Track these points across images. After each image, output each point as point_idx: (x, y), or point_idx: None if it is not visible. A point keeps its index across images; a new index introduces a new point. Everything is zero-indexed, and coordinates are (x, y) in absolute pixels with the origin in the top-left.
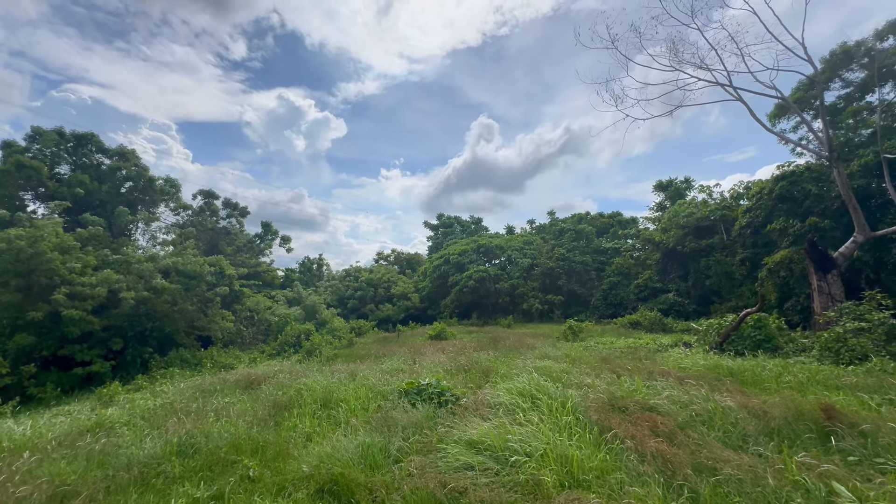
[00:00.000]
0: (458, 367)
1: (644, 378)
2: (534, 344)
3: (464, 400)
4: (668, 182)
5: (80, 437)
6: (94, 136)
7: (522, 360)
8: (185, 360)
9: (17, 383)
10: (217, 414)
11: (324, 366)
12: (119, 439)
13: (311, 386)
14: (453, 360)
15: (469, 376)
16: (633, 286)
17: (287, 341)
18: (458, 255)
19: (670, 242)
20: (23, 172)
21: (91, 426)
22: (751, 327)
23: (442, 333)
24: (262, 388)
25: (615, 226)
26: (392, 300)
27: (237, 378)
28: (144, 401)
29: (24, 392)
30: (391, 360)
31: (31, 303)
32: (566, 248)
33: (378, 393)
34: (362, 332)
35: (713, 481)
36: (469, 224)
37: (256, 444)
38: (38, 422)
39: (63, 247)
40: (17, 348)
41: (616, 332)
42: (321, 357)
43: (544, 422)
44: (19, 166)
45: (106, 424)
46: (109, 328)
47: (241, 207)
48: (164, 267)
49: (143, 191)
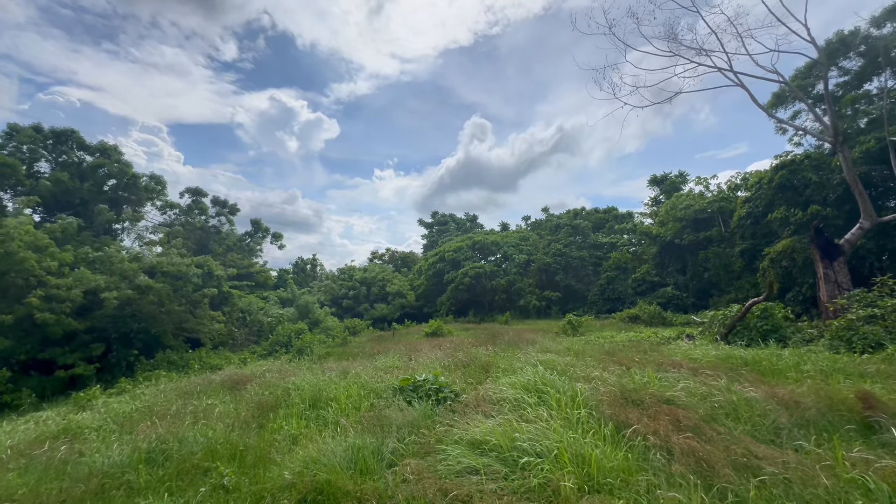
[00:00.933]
0: (457, 363)
1: (654, 370)
2: (533, 339)
3: (464, 396)
4: (662, 176)
5: (40, 445)
6: (74, 132)
7: (524, 354)
8: (172, 363)
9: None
10: (195, 416)
11: (315, 364)
12: (83, 446)
13: (300, 385)
14: (451, 356)
15: (468, 372)
16: (630, 280)
17: (278, 341)
18: (454, 252)
19: (668, 236)
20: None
21: (56, 433)
22: (756, 317)
23: (438, 331)
24: (248, 389)
25: (611, 221)
26: (387, 299)
27: (223, 379)
28: (122, 404)
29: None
30: (385, 358)
31: (7, 305)
32: (563, 244)
33: (371, 391)
34: (357, 331)
35: (757, 482)
36: (464, 222)
37: (235, 449)
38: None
39: (36, 245)
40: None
41: (615, 326)
42: (312, 356)
43: (554, 418)
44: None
45: (73, 430)
46: (93, 330)
47: (231, 205)
48: (149, 267)
49: (126, 189)
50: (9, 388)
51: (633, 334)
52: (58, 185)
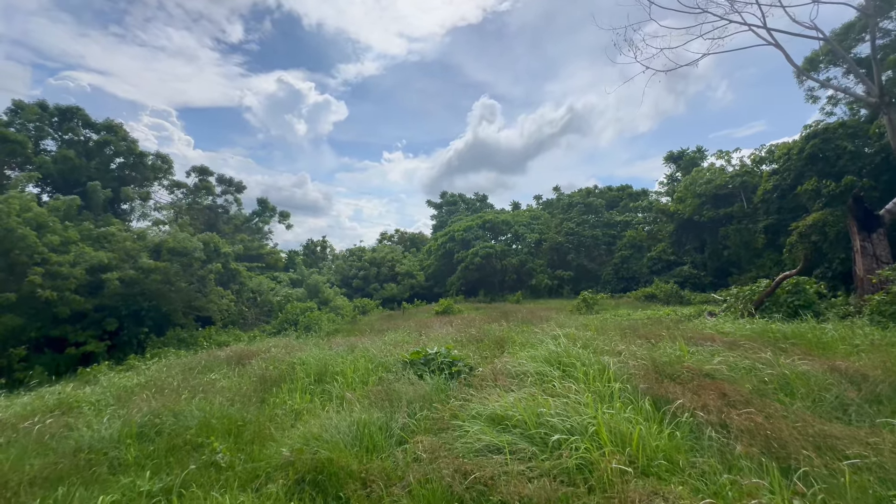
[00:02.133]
0: (469, 339)
1: (685, 344)
2: (547, 316)
3: (479, 370)
4: (679, 153)
5: (31, 419)
6: (79, 109)
7: (540, 330)
8: (182, 340)
9: (8, 367)
10: (195, 391)
11: (322, 340)
12: (75, 420)
13: (306, 360)
14: (463, 331)
15: (482, 347)
16: (646, 259)
17: (287, 319)
18: (464, 231)
19: (686, 212)
20: (6, 146)
21: (52, 406)
22: (787, 292)
23: (449, 309)
24: (252, 364)
25: (625, 199)
26: (396, 279)
27: (228, 355)
28: (125, 380)
29: (12, 376)
30: (395, 334)
31: (14, 283)
32: (575, 223)
33: (379, 364)
34: (366, 311)
35: (847, 465)
36: (474, 202)
37: (232, 424)
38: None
39: (38, 222)
40: (5, 330)
41: (631, 304)
42: (320, 332)
43: (583, 392)
44: (2, 139)
45: (69, 404)
46: (103, 308)
47: (237, 182)
48: (154, 245)
49: (134, 167)
50: (21, 366)
51: (650, 312)
52: (64, 162)
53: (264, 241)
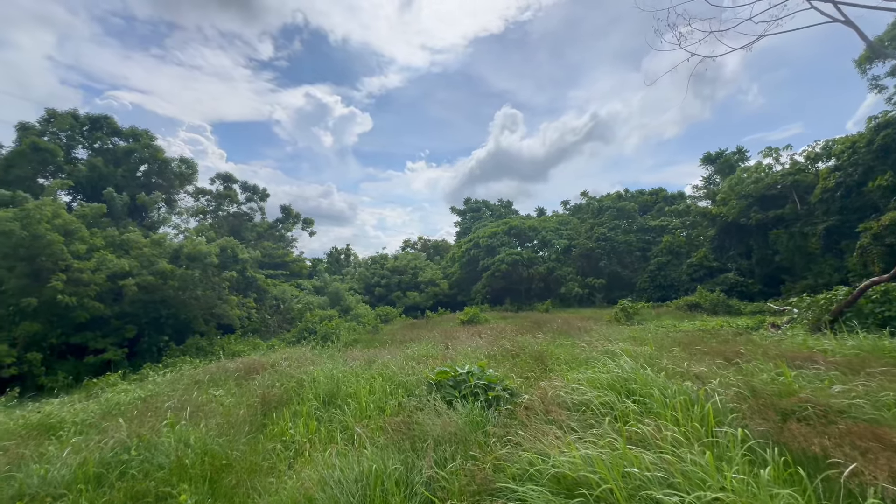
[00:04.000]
0: (504, 353)
1: (776, 365)
2: (585, 327)
3: (524, 397)
4: (717, 154)
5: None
6: (108, 118)
7: (582, 341)
8: (201, 348)
9: (29, 373)
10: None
11: (339, 352)
12: (46, 448)
13: (317, 376)
14: (494, 344)
15: (520, 364)
16: (685, 266)
17: (307, 328)
18: (489, 238)
19: (730, 215)
20: (38, 154)
21: (31, 427)
22: (872, 302)
23: (475, 318)
24: (259, 378)
25: (660, 202)
26: (419, 287)
27: (238, 366)
28: (124, 394)
29: (35, 381)
30: (418, 346)
31: (37, 289)
32: (607, 228)
33: (399, 385)
34: (388, 319)
35: None
36: (498, 208)
37: (214, 465)
38: None
39: (66, 229)
40: (26, 336)
41: (673, 314)
42: (338, 342)
43: (684, 441)
44: (34, 148)
45: (49, 425)
46: (123, 315)
47: (261, 190)
48: (172, 251)
49: (159, 174)
50: (43, 371)
51: (699, 323)
52: (93, 170)
53: (289, 248)
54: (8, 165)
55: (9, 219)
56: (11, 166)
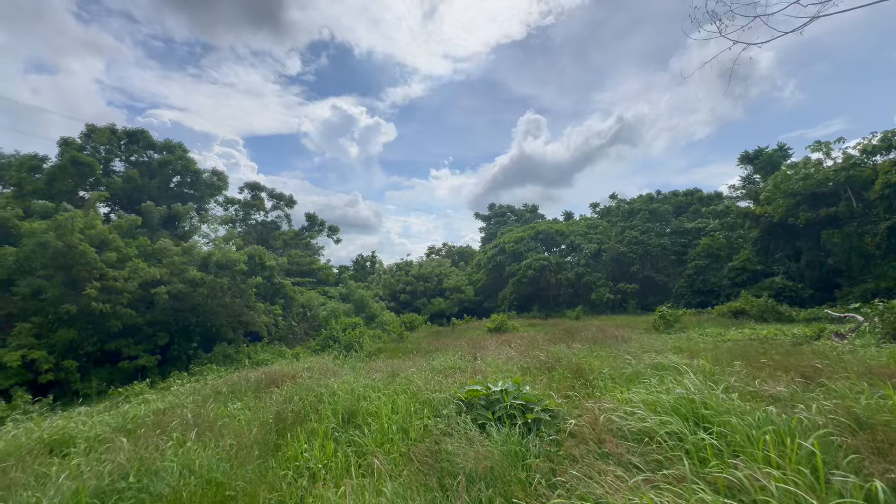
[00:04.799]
0: (538, 365)
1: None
2: (622, 336)
3: (571, 423)
4: (756, 152)
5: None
6: (143, 132)
7: (623, 354)
8: (228, 356)
9: (65, 379)
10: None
11: (363, 362)
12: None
13: (336, 389)
14: (525, 354)
15: (556, 378)
16: (726, 270)
17: (331, 336)
18: (515, 243)
19: (776, 215)
20: (78, 168)
21: (43, 443)
22: None
23: (502, 326)
24: (276, 392)
25: (695, 203)
26: (444, 294)
27: (259, 377)
28: (144, 406)
29: (70, 387)
30: (444, 356)
31: (74, 297)
32: (639, 231)
33: (425, 403)
34: (414, 327)
35: None
36: (523, 213)
37: (218, 498)
38: None
39: (100, 239)
40: (63, 343)
41: (717, 322)
42: (361, 352)
43: (796, 488)
44: (74, 162)
45: (61, 441)
46: (155, 323)
47: (287, 197)
48: (202, 258)
49: (191, 185)
50: (78, 378)
51: (749, 331)
52: (129, 182)
53: (316, 256)
54: (50, 179)
55: (43, 230)
56: (53, 180)
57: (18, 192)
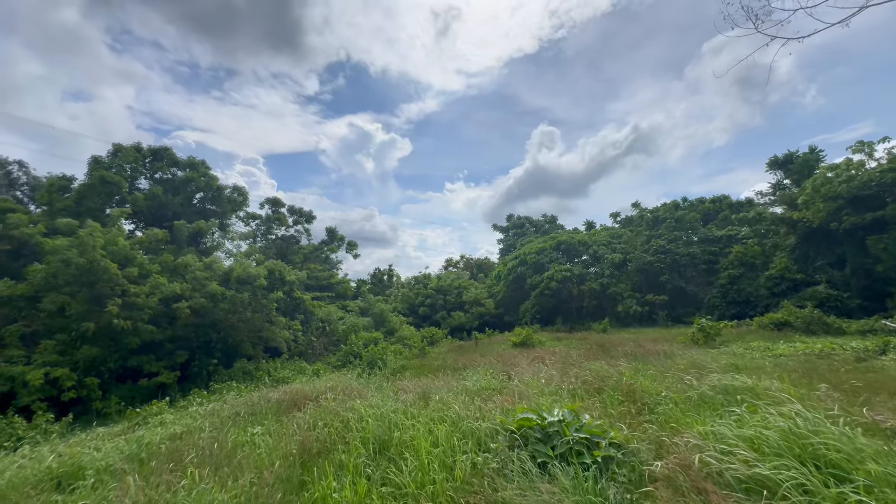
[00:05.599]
0: (583, 386)
1: None
2: (662, 350)
3: (655, 465)
4: (786, 156)
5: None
6: (168, 150)
7: (674, 369)
8: (248, 373)
9: (87, 396)
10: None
11: (388, 381)
12: None
13: (363, 413)
14: (564, 372)
15: (608, 402)
16: (762, 279)
17: (352, 351)
18: (536, 254)
19: (816, 220)
20: (106, 187)
21: (50, 475)
22: None
23: (528, 340)
24: (299, 416)
25: (724, 210)
26: (464, 307)
27: (281, 397)
28: (161, 430)
29: (90, 406)
30: (475, 374)
31: (97, 314)
32: (666, 240)
33: (468, 434)
34: (434, 341)
35: None
36: (542, 223)
37: None
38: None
39: (123, 255)
40: (86, 360)
41: (758, 334)
42: (385, 369)
43: None
44: (102, 181)
45: (68, 473)
46: (176, 339)
47: (307, 213)
48: (223, 273)
49: (213, 201)
50: (98, 395)
51: (800, 345)
52: (153, 199)
53: (334, 270)
54: (79, 198)
55: (66, 247)
56: (82, 198)
57: (49, 212)
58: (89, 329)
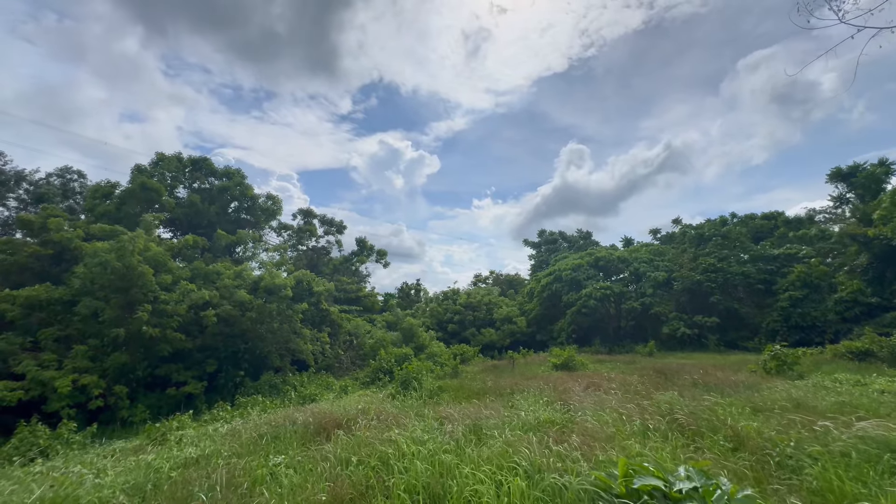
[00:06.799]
0: (670, 425)
1: None
2: (740, 381)
3: None
4: (851, 168)
5: None
6: (206, 159)
7: (777, 408)
8: (274, 386)
9: (115, 405)
10: None
11: (426, 405)
12: None
13: (406, 449)
14: (632, 403)
15: (713, 448)
16: (831, 302)
17: (381, 367)
18: (572, 270)
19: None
20: (146, 193)
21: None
22: None
23: (570, 362)
24: (330, 447)
25: (780, 227)
26: (494, 324)
27: (307, 419)
28: (178, 449)
29: (117, 414)
30: (525, 400)
31: (128, 321)
32: (716, 258)
33: (551, 492)
34: (466, 359)
35: None
36: (576, 239)
37: None
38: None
39: (157, 261)
40: (115, 367)
41: (837, 364)
42: (421, 390)
43: None
44: (143, 187)
45: None
46: (204, 348)
47: (338, 223)
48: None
49: (248, 211)
50: (125, 404)
51: None
52: (191, 206)
53: (362, 283)
54: (120, 203)
55: (106, 251)
56: (123, 204)
57: (91, 218)
58: (120, 335)
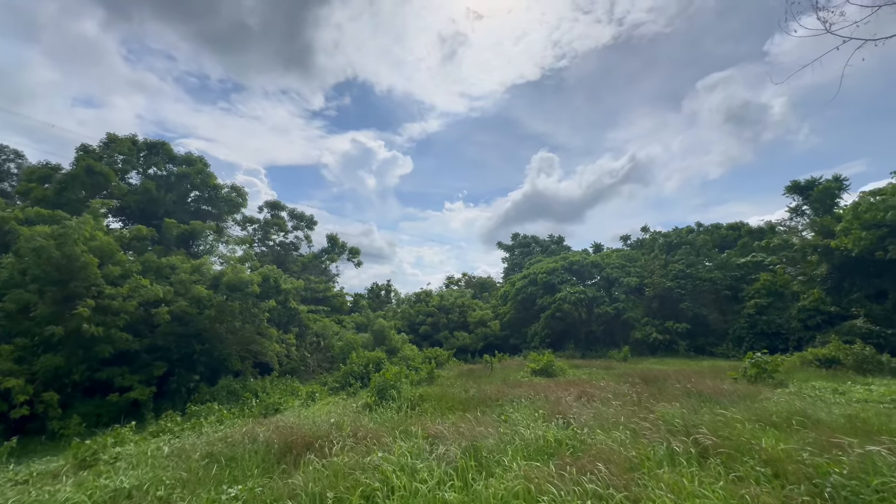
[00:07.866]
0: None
1: None
2: (731, 390)
3: None
4: (808, 182)
5: None
6: (164, 144)
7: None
8: (232, 392)
9: (44, 414)
10: None
11: (408, 418)
12: None
13: (396, 482)
14: (636, 417)
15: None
16: (794, 310)
17: (352, 372)
18: (547, 274)
19: (856, 249)
20: (92, 178)
21: None
22: None
23: (549, 368)
24: (300, 474)
25: (744, 237)
26: (468, 327)
27: (270, 436)
28: (109, 478)
29: (47, 426)
30: (518, 412)
31: (65, 317)
32: (685, 264)
33: None
34: (441, 363)
35: None
36: (548, 243)
37: None
38: None
39: (103, 251)
40: (47, 370)
41: (808, 372)
42: (400, 399)
43: None
44: (88, 171)
45: None
46: (154, 349)
47: (308, 217)
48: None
49: (209, 202)
50: (57, 413)
51: (883, 389)
52: (144, 194)
53: (331, 283)
54: (61, 189)
55: (45, 236)
56: (64, 189)
57: (26, 202)
58: (55, 334)
